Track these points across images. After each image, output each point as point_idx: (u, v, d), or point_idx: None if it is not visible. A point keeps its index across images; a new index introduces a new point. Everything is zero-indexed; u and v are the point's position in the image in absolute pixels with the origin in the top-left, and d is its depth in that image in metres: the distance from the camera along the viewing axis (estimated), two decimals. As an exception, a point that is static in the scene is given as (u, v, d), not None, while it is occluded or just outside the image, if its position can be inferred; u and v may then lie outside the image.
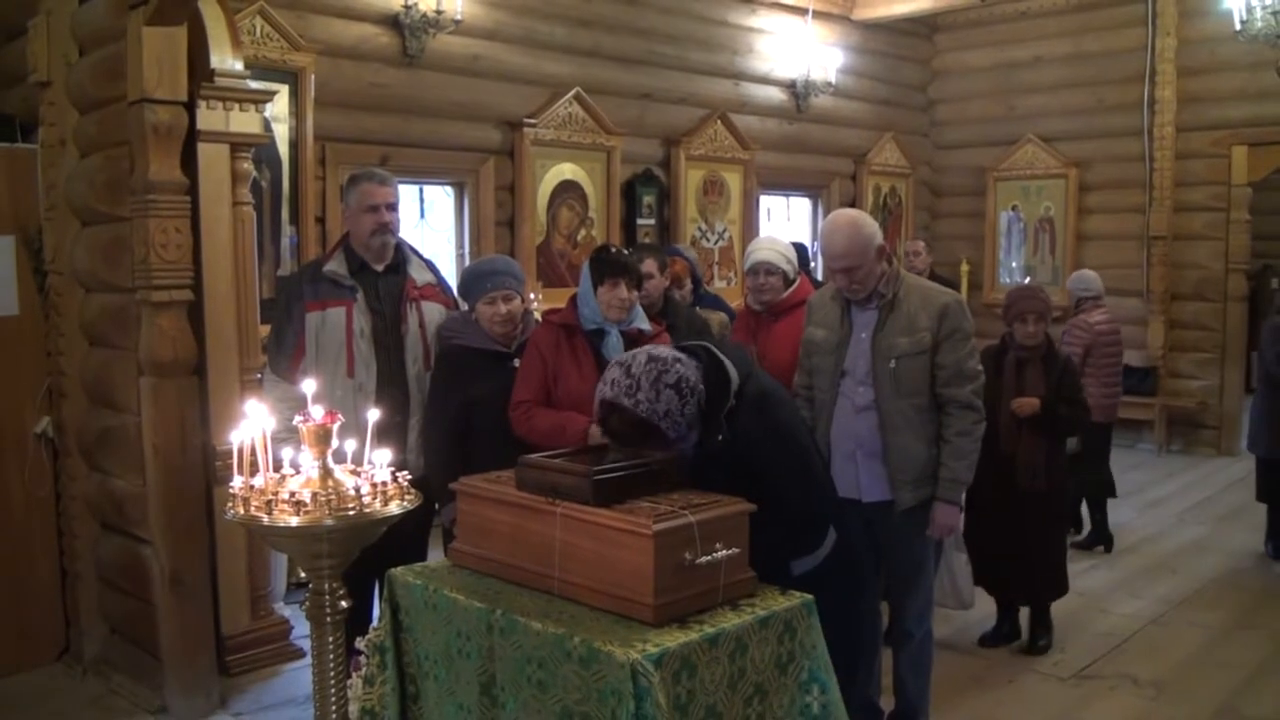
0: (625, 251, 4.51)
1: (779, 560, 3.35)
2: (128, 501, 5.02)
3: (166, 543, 4.82)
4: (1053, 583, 5.71)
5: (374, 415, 3.27)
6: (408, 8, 7.67)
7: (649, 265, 5.01)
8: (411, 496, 3.13)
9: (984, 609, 5.77)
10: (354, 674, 3.65)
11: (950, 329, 4.18)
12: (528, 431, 4.21)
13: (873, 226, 4.24)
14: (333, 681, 3.18)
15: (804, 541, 3.48)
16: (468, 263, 8.04)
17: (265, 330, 5.07)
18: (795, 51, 10.80)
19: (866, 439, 4.21)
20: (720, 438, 3.33)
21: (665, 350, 3.36)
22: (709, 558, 2.96)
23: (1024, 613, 5.81)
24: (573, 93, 8.77)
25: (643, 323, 4.37)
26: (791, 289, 5.03)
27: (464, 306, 4.76)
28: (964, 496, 4.41)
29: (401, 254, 4.80)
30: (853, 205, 11.62)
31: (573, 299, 4.38)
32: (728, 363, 3.39)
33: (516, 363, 4.48)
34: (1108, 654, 5.65)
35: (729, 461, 3.33)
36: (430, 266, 4.95)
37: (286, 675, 5.28)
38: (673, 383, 3.23)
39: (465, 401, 4.49)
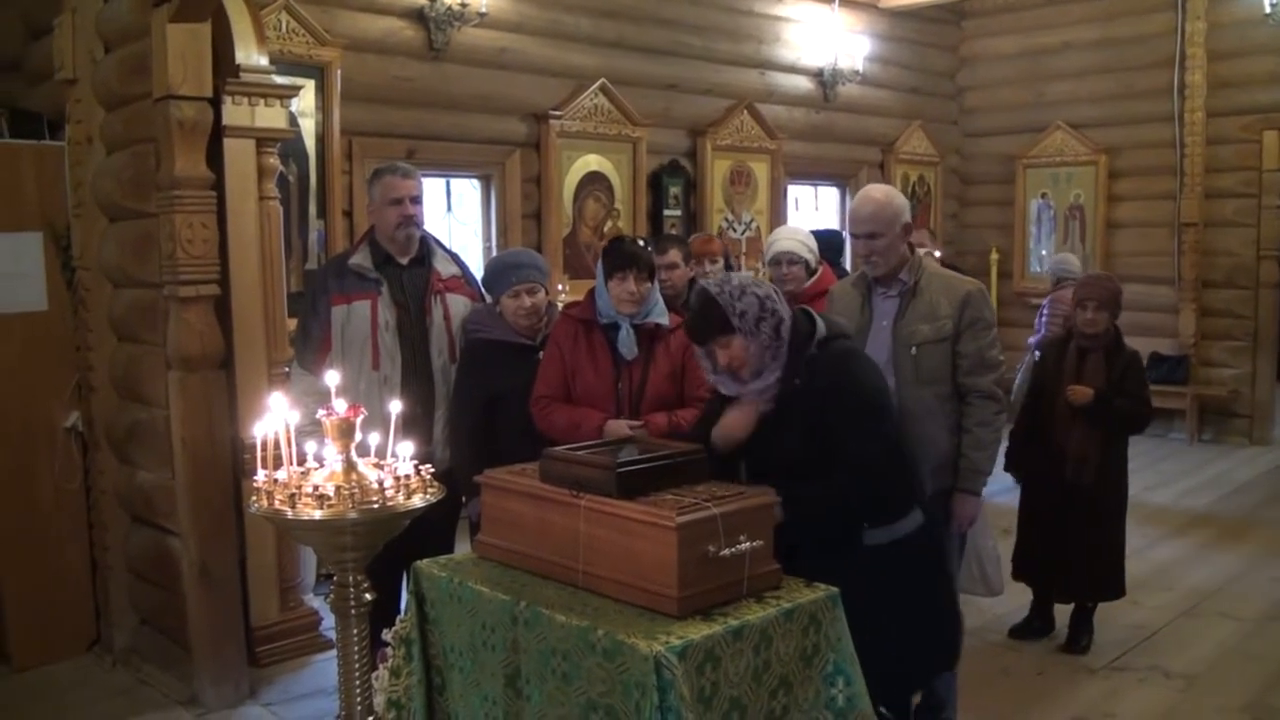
0: (640, 242, 4.48)
1: (842, 520, 3.37)
2: (156, 494, 5.06)
3: (195, 535, 4.85)
4: (1105, 583, 5.57)
5: (397, 408, 3.27)
6: (432, 1, 7.69)
7: (673, 255, 5.00)
8: (435, 489, 3.14)
9: (1015, 600, 5.73)
10: (380, 665, 3.66)
11: (972, 318, 4.12)
12: (546, 427, 4.22)
13: (903, 202, 4.22)
14: (358, 673, 3.20)
15: (874, 507, 3.43)
16: (495, 255, 8.07)
17: (293, 324, 5.09)
18: (822, 40, 10.76)
19: None
20: (797, 381, 3.36)
21: (766, 281, 3.58)
22: (733, 550, 2.95)
23: (1060, 608, 5.75)
24: (598, 84, 8.77)
25: (659, 316, 4.31)
26: (814, 278, 5.01)
27: (489, 299, 4.77)
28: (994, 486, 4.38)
29: (426, 247, 4.81)
30: (882, 192, 11.56)
31: (591, 292, 4.37)
32: (819, 318, 3.50)
33: (541, 355, 4.48)
34: (1138, 646, 5.61)
35: (805, 410, 3.35)
36: (455, 259, 4.96)
37: (316, 666, 5.31)
38: (761, 294, 3.38)
39: (490, 395, 4.50)
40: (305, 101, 6.96)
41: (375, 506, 2.96)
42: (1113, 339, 5.48)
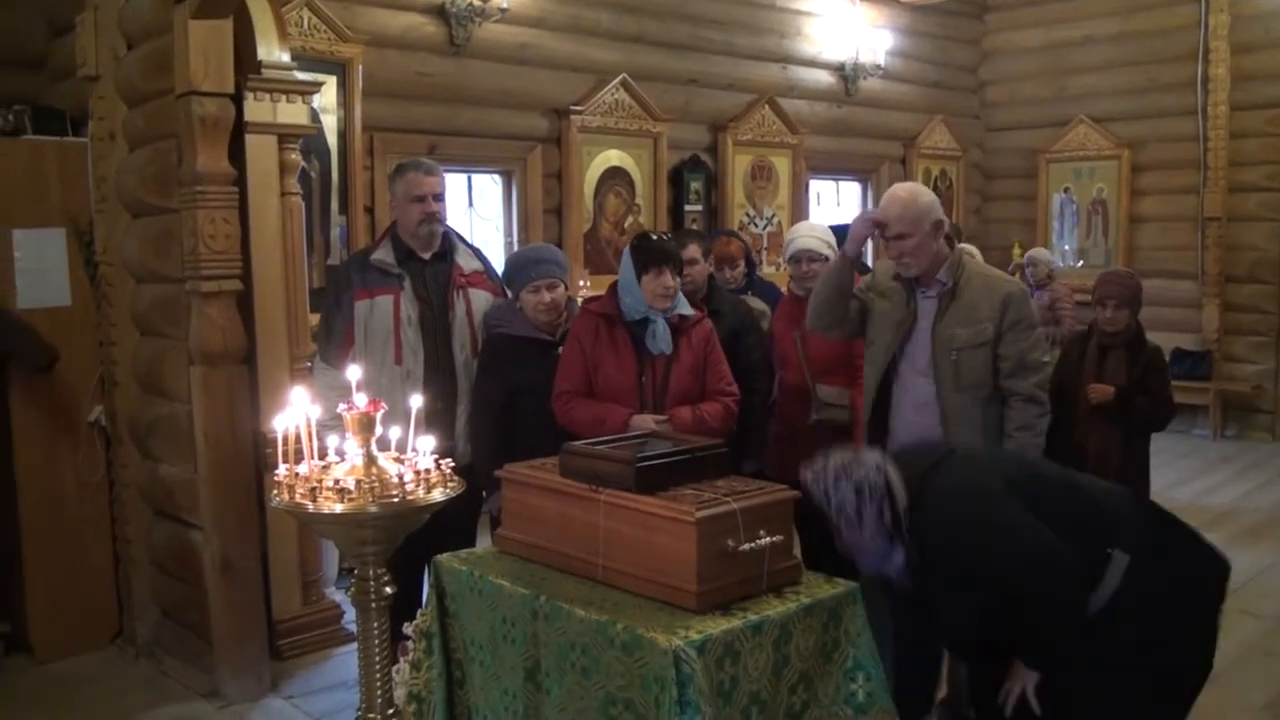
0: (666, 237, 4.50)
1: (1074, 623, 3.12)
2: (179, 488, 5.09)
3: (217, 529, 4.88)
4: None
5: (417, 402, 3.28)
6: (453, -3, 7.71)
7: (692, 250, 5.00)
8: (455, 483, 3.15)
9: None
10: (401, 659, 3.68)
11: (1014, 319, 4.03)
12: (569, 423, 4.22)
13: (931, 199, 4.14)
14: (378, 666, 3.21)
15: (1072, 596, 3.09)
16: (515, 251, 8.08)
17: (315, 319, 5.11)
18: (843, 34, 10.73)
19: (928, 436, 4.04)
20: (914, 561, 3.12)
21: (867, 455, 3.23)
22: (752, 544, 2.96)
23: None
24: (619, 79, 8.76)
25: (684, 309, 4.34)
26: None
27: (509, 294, 4.78)
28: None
29: (449, 242, 4.83)
30: (903, 189, 11.55)
31: (612, 288, 4.37)
32: (896, 483, 3.14)
33: (561, 351, 4.49)
34: (1160, 641, 5.58)
35: (944, 585, 3.14)
36: (477, 254, 4.98)
37: (337, 659, 5.33)
38: (858, 477, 3.10)
39: (510, 390, 4.52)
40: (327, 97, 6.98)
41: (395, 500, 2.97)
42: (1134, 334, 5.43)
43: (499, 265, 5.16)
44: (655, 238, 4.43)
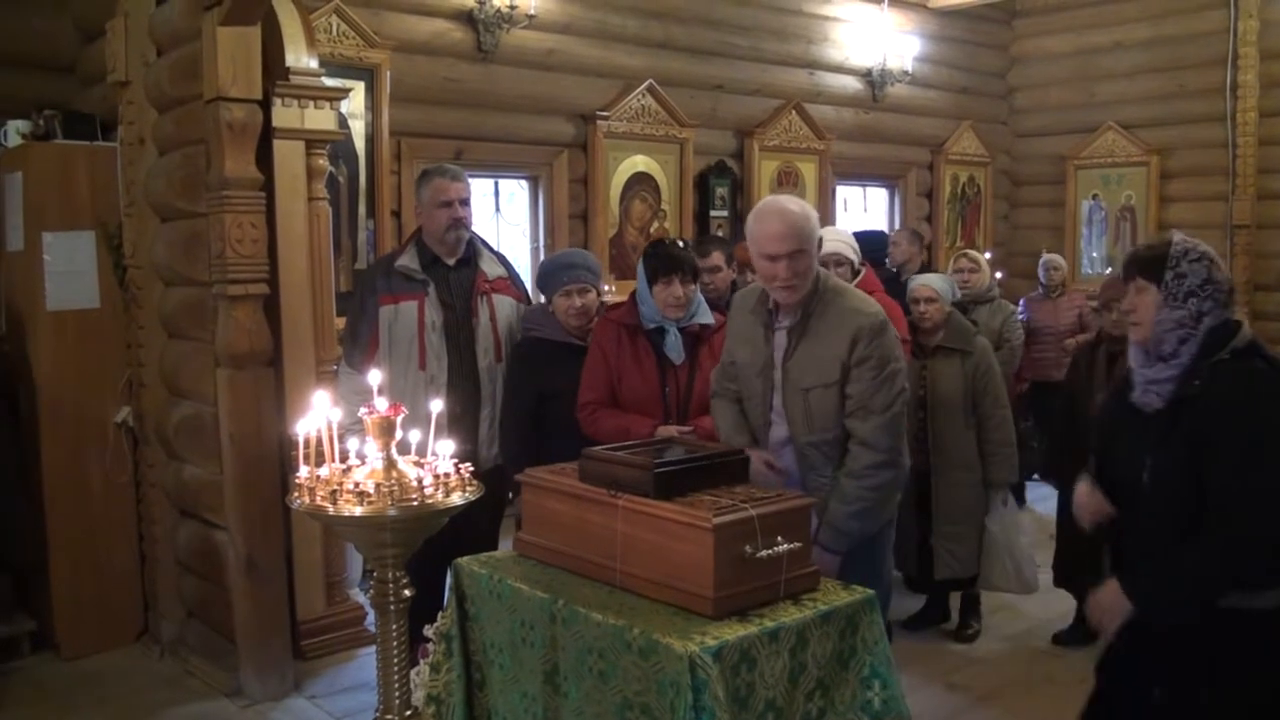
0: (680, 244, 4.44)
1: (1206, 579, 2.89)
2: (205, 489, 5.13)
3: (242, 529, 4.92)
4: None
5: (438, 407, 3.31)
6: (481, 3, 7.73)
7: (715, 258, 5.01)
8: (474, 487, 3.17)
9: (1060, 606, 5.75)
10: (421, 661, 3.70)
11: (862, 355, 3.60)
12: (594, 433, 4.22)
13: (816, 215, 3.75)
14: (396, 668, 3.23)
15: (1241, 565, 2.85)
16: (543, 255, 8.12)
17: (341, 323, 5.15)
18: (871, 40, 10.71)
19: (792, 477, 3.75)
20: (1196, 383, 2.89)
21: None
22: (770, 551, 2.96)
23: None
24: (645, 85, 8.78)
25: (704, 317, 4.33)
26: (858, 279, 4.99)
27: (536, 300, 4.80)
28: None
29: (473, 248, 4.86)
30: (929, 196, 11.53)
31: (633, 296, 4.38)
32: (1245, 325, 2.99)
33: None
34: (1183, 651, 5.55)
35: (1195, 425, 2.89)
36: (502, 260, 5.01)
37: (361, 660, 5.35)
38: (1220, 278, 2.95)
39: (540, 393, 4.55)
40: (355, 103, 7.03)
41: (414, 504, 2.99)
42: None
43: (524, 271, 5.19)
44: (665, 245, 4.39)
